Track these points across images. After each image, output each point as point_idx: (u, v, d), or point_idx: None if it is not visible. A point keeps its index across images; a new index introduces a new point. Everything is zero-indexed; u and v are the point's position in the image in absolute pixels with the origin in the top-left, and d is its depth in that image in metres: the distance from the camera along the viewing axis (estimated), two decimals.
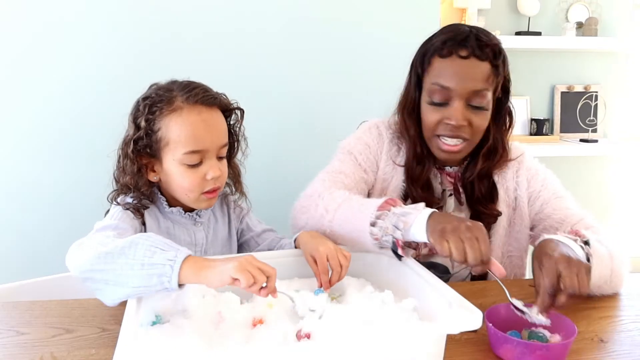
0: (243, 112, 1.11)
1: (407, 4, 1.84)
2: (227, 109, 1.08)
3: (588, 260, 0.96)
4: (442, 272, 1.19)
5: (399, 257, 0.95)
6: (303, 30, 1.79)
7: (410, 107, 1.18)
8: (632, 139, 2.78)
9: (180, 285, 0.77)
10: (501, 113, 1.17)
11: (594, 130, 2.72)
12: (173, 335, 0.72)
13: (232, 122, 1.11)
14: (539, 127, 2.66)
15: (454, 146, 1.12)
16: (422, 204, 0.98)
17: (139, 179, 1.03)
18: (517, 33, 2.59)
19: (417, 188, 1.19)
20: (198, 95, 1.00)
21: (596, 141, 2.62)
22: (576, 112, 2.69)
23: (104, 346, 0.85)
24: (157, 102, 1.01)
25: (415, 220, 0.93)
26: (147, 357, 0.64)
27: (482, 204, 1.19)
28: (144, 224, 1.05)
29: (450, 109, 1.09)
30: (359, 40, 1.83)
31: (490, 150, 1.18)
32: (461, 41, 1.08)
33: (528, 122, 2.70)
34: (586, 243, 0.99)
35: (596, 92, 2.72)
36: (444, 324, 0.70)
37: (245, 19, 1.76)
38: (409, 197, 1.21)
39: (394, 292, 0.86)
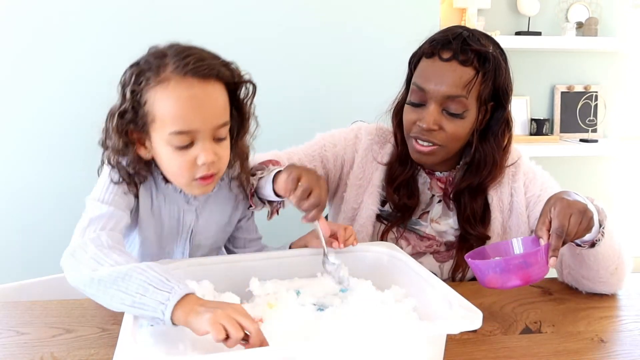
0: (255, 86, 0.95)
1: (407, 4, 1.84)
2: (230, 82, 0.91)
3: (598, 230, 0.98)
4: None
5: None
6: (303, 33, 1.80)
7: (397, 107, 1.17)
8: (632, 139, 2.77)
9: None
10: (493, 127, 1.12)
11: (594, 130, 2.72)
12: (173, 335, 0.72)
13: (241, 97, 0.95)
14: (538, 127, 2.66)
15: (425, 147, 1.09)
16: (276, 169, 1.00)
17: (126, 155, 0.90)
18: (517, 33, 2.60)
19: (393, 189, 1.17)
20: (189, 65, 0.85)
21: (596, 141, 2.62)
22: (576, 112, 2.68)
23: (103, 346, 0.85)
24: (145, 70, 0.88)
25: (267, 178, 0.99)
26: (147, 358, 0.64)
27: (470, 224, 1.14)
28: (137, 196, 0.94)
29: (425, 112, 1.07)
30: (359, 42, 1.83)
31: (474, 165, 1.13)
32: (446, 42, 1.05)
33: (528, 122, 2.70)
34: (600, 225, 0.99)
35: (596, 92, 2.71)
36: (444, 324, 0.69)
37: (246, 20, 1.76)
38: (387, 202, 1.20)
39: (394, 292, 0.86)
